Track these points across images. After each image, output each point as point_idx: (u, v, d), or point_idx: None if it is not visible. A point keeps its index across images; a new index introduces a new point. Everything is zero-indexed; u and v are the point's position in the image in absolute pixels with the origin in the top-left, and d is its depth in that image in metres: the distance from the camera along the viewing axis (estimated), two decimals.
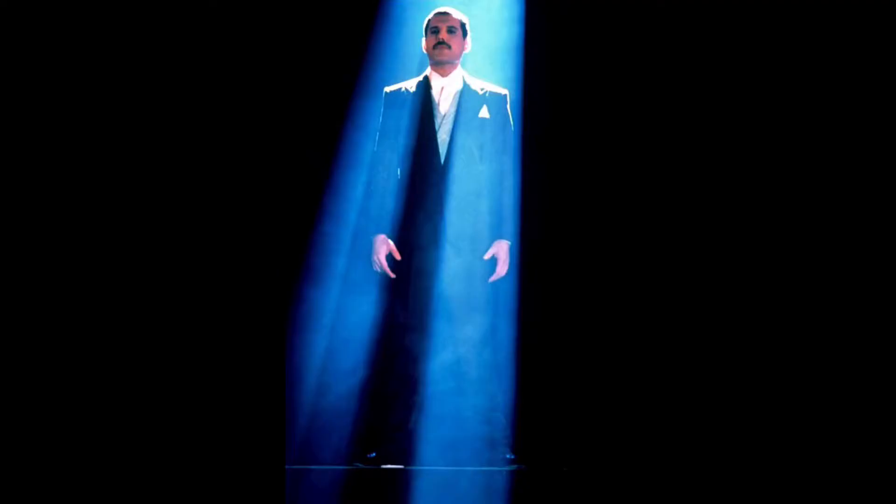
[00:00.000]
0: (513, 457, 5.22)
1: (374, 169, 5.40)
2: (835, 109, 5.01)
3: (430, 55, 5.42)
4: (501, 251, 5.34)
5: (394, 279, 5.35)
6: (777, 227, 5.00)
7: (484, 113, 5.37)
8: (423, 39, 5.43)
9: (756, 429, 4.89)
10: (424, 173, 5.36)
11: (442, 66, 5.42)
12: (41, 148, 4.74)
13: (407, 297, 5.33)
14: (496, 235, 5.35)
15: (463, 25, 5.42)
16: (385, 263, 5.34)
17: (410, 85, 5.44)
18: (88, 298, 4.69)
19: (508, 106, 5.39)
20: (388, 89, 5.44)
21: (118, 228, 4.74)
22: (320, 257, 5.43)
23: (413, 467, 5.11)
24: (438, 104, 5.41)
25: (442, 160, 5.36)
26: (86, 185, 4.74)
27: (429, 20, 5.41)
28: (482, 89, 5.41)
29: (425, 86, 5.43)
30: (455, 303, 5.30)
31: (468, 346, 5.28)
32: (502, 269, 5.33)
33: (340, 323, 5.44)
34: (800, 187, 5.00)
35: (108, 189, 4.75)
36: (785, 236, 5.00)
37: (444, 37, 5.37)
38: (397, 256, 5.35)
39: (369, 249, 5.37)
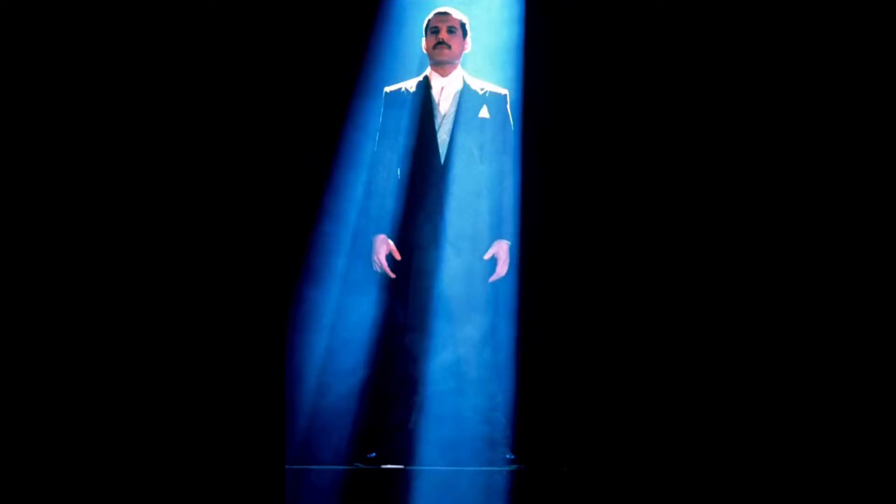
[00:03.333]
0: (513, 457, 5.22)
1: (374, 169, 5.40)
2: (835, 109, 5.01)
3: (430, 55, 5.42)
4: (501, 251, 5.34)
5: (394, 279, 5.35)
6: (777, 227, 5.00)
7: (484, 113, 5.37)
8: (423, 39, 5.43)
9: (756, 429, 4.89)
10: (424, 173, 5.36)
11: (442, 66, 5.41)
12: (41, 148, 4.74)
13: (407, 297, 5.33)
14: (496, 235, 5.35)
15: (463, 25, 5.41)
16: (385, 263, 5.34)
17: (410, 85, 5.44)
18: (89, 299, 4.69)
19: (508, 106, 5.39)
20: (388, 89, 5.44)
21: (118, 228, 4.74)
22: (320, 257, 5.43)
23: (413, 467, 5.11)
24: (438, 104, 5.41)
25: (442, 160, 5.36)
26: (86, 185, 4.74)
27: (429, 20, 5.41)
28: (482, 89, 5.41)
29: (425, 86, 5.43)
30: (455, 303, 5.29)
31: (468, 346, 5.28)
32: (502, 269, 5.33)
33: (340, 323, 5.44)
34: (800, 187, 5.01)
35: (108, 189, 4.75)
36: (785, 236, 5.00)
37: (444, 37, 5.37)
38: (397, 256, 5.35)
39: (369, 249, 5.37)
